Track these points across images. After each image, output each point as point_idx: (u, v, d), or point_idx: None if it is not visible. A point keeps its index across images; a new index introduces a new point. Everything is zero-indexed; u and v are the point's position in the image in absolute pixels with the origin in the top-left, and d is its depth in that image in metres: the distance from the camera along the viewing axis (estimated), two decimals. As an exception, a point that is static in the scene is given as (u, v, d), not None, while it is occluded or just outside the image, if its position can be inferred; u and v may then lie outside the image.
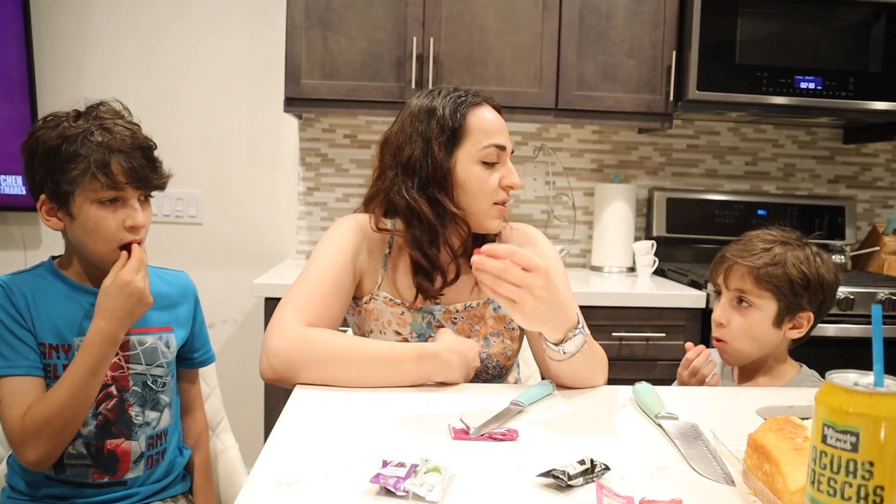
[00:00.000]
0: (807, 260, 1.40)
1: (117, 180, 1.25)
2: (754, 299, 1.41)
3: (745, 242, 1.46)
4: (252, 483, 0.85)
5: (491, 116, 1.40)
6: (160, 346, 1.38)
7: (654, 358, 2.37)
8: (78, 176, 1.23)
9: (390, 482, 0.81)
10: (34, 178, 1.28)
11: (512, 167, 1.40)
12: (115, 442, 1.33)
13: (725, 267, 1.45)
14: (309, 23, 2.48)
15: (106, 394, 1.31)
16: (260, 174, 2.88)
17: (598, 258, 2.86)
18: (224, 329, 2.88)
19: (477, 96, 1.41)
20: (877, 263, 2.89)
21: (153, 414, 1.37)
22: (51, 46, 2.74)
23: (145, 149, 1.30)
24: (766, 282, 1.39)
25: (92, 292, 1.31)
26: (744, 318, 1.42)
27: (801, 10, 2.55)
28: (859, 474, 0.64)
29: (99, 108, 1.30)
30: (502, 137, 1.39)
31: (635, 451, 0.99)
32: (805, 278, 1.39)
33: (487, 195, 1.37)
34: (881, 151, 3.10)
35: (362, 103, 2.52)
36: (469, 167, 1.37)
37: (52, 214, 1.29)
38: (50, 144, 1.25)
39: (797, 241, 1.44)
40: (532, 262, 1.08)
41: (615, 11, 2.57)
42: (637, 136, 3.00)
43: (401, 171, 1.37)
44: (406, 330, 1.40)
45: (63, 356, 1.28)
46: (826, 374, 0.68)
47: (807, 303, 1.40)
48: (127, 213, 1.28)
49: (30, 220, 2.74)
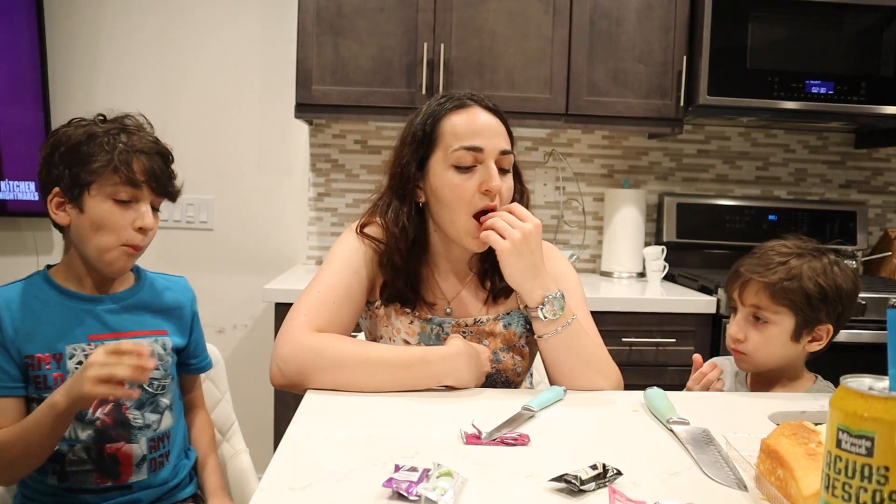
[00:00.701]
0: (823, 271, 1.36)
1: (136, 179, 1.28)
2: (770, 315, 1.36)
3: (760, 255, 1.41)
4: (264, 488, 0.85)
5: (468, 118, 1.32)
6: (156, 347, 1.38)
7: (665, 363, 2.36)
8: (99, 168, 1.26)
9: (403, 487, 0.82)
10: (51, 173, 1.29)
11: (493, 170, 1.30)
12: (115, 445, 1.33)
13: (741, 282, 1.40)
14: (320, 29, 2.49)
15: (101, 399, 1.30)
16: (270, 180, 2.89)
17: (608, 263, 2.86)
18: (234, 334, 2.89)
19: (465, 99, 1.35)
20: (889, 269, 2.87)
21: (153, 416, 1.37)
22: (64, 54, 2.76)
23: (165, 156, 1.35)
24: (782, 297, 1.35)
25: (84, 298, 1.33)
26: (761, 334, 1.38)
27: (812, 15, 2.54)
28: (874, 479, 0.63)
29: (124, 119, 1.34)
30: (479, 139, 1.30)
31: (647, 456, 0.99)
32: (822, 291, 1.34)
33: (464, 203, 1.30)
34: (893, 156, 3.08)
35: (373, 109, 2.53)
36: (441, 174, 1.32)
37: (60, 208, 1.30)
38: (75, 140, 1.28)
39: (813, 251, 1.39)
40: (527, 214, 1.27)
41: (626, 16, 2.57)
42: (647, 141, 2.99)
43: (387, 183, 1.40)
44: (414, 339, 1.40)
45: (55, 365, 1.29)
46: (840, 378, 0.68)
47: (825, 316, 1.36)
48: (137, 214, 1.30)
49: (43, 226, 2.76)
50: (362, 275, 1.37)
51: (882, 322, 2.30)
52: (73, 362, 1.30)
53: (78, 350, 1.30)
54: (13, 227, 2.78)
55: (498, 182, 1.30)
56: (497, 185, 1.29)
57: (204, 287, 2.75)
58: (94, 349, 1.30)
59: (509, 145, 1.35)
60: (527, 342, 1.43)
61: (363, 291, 1.38)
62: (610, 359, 1.35)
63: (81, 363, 1.29)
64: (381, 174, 1.45)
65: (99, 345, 1.30)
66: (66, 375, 1.28)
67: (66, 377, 1.28)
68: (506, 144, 1.34)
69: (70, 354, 1.30)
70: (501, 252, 1.25)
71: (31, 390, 1.29)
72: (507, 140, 1.35)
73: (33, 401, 1.29)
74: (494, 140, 1.32)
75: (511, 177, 1.36)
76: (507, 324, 1.41)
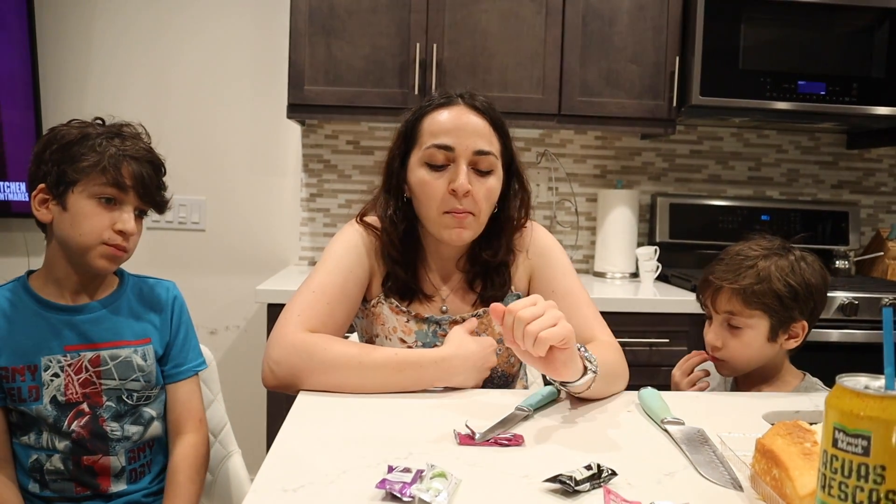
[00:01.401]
0: (791, 269, 1.36)
1: (123, 182, 1.27)
2: (745, 320, 1.37)
3: (728, 261, 1.41)
4: (257, 489, 0.84)
5: (447, 117, 1.29)
6: (135, 359, 1.34)
7: (658, 364, 2.36)
8: (87, 167, 1.25)
9: (396, 488, 0.81)
10: (39, 168, 1.28)
11: (462, 170, 1.27)
12: (92, 458, 1.31)
13: (711, 290, 1.41)
14: (312, 29, 2.48)
15: (77, 411, 1.29)
16: (263, 180, 2.88)
17: (601, 264, 2.86)
18: (227, 335, 2.88)
19: (454, 97, 1.32)
20: (881, 269, 2.88)
21: (134, 428, 1.34)
22: (55, 54, 2.75)
23: (157, 166, 1.34)
24: (754, 301, 1.35)
25: (61, 308, 1.31)
26: (737, 340, 1.38)
27: (803, 16, 2.55)
28: (871, 478, 0.63)
29: (122, 126, 1.34)
30: (449, 138, 1.27)
31: (642, 457, 0.99)
32: (792, 290, 1.35)
33: (435, 201, 1.28)
34: (884, 156, 3.09)
35: (365, 109, 2.52)
36: (416, 171, 1.31)
37: (44, 205, 1.29)
38: (69, 138, 1.27)
39: (779, 250, 1.40)
40: (535, 307, 1.03)
41: (618, 17, 2.57)
42: (640, 141, 2.99)
43: (381, 181, 1.40)
44: (411, 338, 1.39)
45: (29, 377, 1.27)
46: (836, 377, 0.68)
47: (798, 314, 1.37)
48: (119, 217, 1.28)
49: (34, 227, 2.71)
50: (358, 272, 1.36)
51: (874, 322, 2.31)
52: (48, 374, 1.28)
53: (53, 362, 1.28)
54: (5, 228, 2.76)
55: (462, 183, 1.26)
56: (461, 186, 1.26)
57: (196, 288, 2.76)
58: (69, 360, 1.29)
59: (492, 146, 1.30)
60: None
61: (359, 289, 1.37)
62: (619, 353, 1.31)
63: (57, 375, 1.28)
64: (374, 174, 1.45)
65: (76, 356, 1.29)
66: (40, 388, 1.27)
67: (41, 389, 1.27)
68: (485, 145, 1.29)
69: (45, 366, 1.28)
70: (551, 367, 1.07)
71: (9, 402, 1.28)
72: (490, 141, 1.30)
73: (10, 411, 1.29)
74: (469, 140, 1.28)
75: (493, 178, 1.31)
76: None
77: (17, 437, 1.30)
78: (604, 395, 1.23)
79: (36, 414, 1.27)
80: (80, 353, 1.30)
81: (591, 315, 1.37)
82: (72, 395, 1.29)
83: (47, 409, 1.27)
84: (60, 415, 1.28)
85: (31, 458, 1.29)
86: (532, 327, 1.00)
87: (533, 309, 1.02)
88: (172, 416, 1.40)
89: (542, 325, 1.00)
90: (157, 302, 1.41)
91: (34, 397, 1.27)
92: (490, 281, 1.40)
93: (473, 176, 1.29)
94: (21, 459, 1.30)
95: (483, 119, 1.30)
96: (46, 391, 1.27)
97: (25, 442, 1.29)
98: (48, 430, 1.29)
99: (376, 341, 1.42)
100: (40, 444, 1.29)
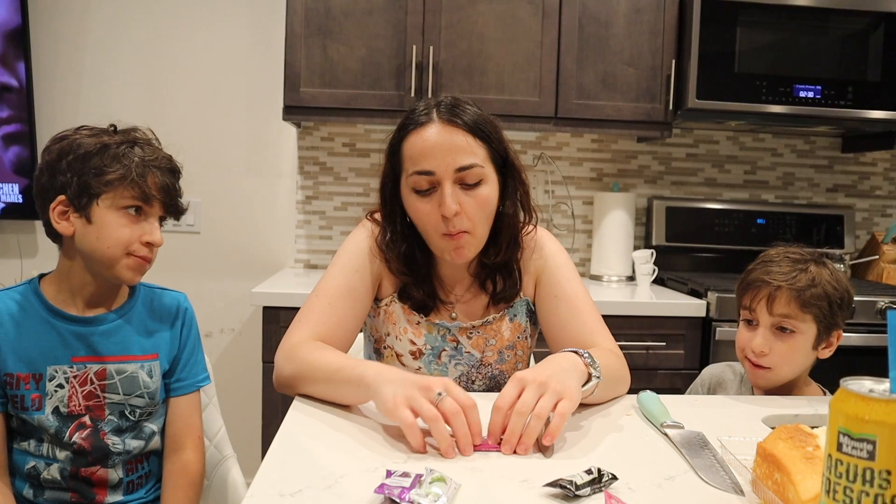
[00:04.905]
0: (834, 277, 1.35)
1: (150, 193, 1.26)
2: (798, 324, 1.34)
3: (778, 263, 1.36)
4: (253, 494, 0.83)
5: (420, 139, 1.24)
6: (142, 375, 1.32)
7: (655, 367, 2.36)
8: (114, 180, 1.23)
9: (395, 493, 0.80)
10: (56, 180, 1.24)
11: (447, 193, 1.22)
12: (90, 469, 1.29)
13: (768, 292, 1.34)
14: (308, 31, 2.47)
15: (79, 424, 1.28)
16: (258, 183, 2.87)
17: (597, 267, 2.85)
18: (222, 339, 2.86)
19: (424, 115, 1.26)
20: (876, 272, 2.88)
21: (135, 442, 1.33)
22: (49, 56, 2.73)
23: (177, 173, 1.34)
24: (810, 304, 1.32)
25: (71, 318, 1.28)
26: (786, 345, 1.35)
27: (799, 20, 2.55)
28: (876, 483, 0.62)
29: (133, 132, 1.32)
30: (427, 162, 1.23)
31: (642, 461, 0.98)
32: (840, 296, 1.34)
33: (432, 227, 1.27)
34: (879, 160, 3.10)
35: (361, 112, 2.51)
36: (407, 198, 1.29)
37: (64, 217, 1.25)
38: (87, 148, 1.24)
39: (818, 258, 1.38)
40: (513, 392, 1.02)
41: (615, 20, 2.57)
42: (636, 144, 2.99)
43: (379, 196, 1.39)
44: (421, 340, 1.39)
45: (34, 386, 1.25)
46: (841, 380, 0.67)
47: (840, 320, 1.36)
48: (145, 229, 1.27)
49: (26, 229, 2.72)
50: (365, 274, 1.35)
51: (870, 325, 2.31)
52: (52, 384, 1.26)
53: (59, 372, 1.26)
54: (-4, 231, 2.75)
55: (448, 206, 1.22)
56: (449, 210, 1.22)
57: (191, 291, 2.72)
58: (76, 372, 1.27)
59: (475, 157, 1.24)
60: (531, 333, 1.45)
61: (368, 291, 1.36)
62: (621, 359, 1.31)
63: (62, 386, 1.26)
64: (370, 177, 1.44)
65: (82, 368, 1.28)
66: (43, 397, 1.26)
67: (44, 399, 1.25)
68: (466, 159, 1.23)
69: (51, 376, 1.26)
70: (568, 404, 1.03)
71: (10, 408, 1.26)
72: (472, 152, 1.24)
73: (11, 417, 1.27)
74: (448, 158, 1.22)
75: (485, 187, 1.26)
76: (514, 316, 1.41)
77: (17, 443, 1.28)
78: (605, 400, 1.24)
79: (38, 423, 1.26)
80: (87, 366, 1.28)
81: (593, 321, 1.37)
82: (74, 407, 1.27)
83: (49, 420, 1.26)
84: (62, 426, 1.27)
85: (29, 465, 1.28)
86: (532, 429, 0.98)
87: (525, 399, 1.00)
88: (172, 429, 1.38)
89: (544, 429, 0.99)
90: (168, 315, 1.39)
91: (36, 406, 1.26)
92: (501, 279, 1.40)
93: (462, 192, 1.24)
94: (18, 464, 1.28)
95: (461, 131, 1.24)
96: (49, 401, 1.26)
97: (25, 448, 1.28)
98: (49, 439, 1.27)
99: (387, 340, 1.41)
100: (40, 452, 1.27)
